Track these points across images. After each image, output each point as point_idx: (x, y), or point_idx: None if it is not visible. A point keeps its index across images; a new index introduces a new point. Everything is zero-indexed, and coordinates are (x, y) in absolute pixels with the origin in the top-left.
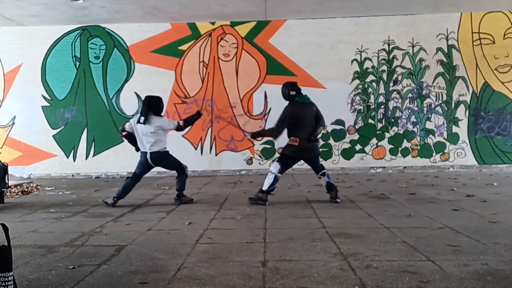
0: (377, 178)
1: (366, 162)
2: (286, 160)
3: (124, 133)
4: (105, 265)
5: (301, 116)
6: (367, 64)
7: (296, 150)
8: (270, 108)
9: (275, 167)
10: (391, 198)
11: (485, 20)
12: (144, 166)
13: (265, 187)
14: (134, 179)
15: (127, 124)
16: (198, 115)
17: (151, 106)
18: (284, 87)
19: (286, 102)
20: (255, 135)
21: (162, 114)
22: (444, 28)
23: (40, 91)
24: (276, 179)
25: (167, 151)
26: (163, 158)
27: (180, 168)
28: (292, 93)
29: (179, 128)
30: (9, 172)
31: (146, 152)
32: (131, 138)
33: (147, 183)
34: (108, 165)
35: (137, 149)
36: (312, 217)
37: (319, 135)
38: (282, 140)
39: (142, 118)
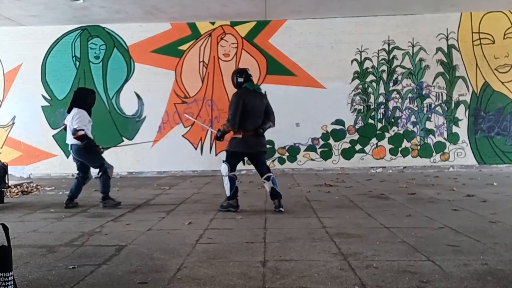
0: (377, 178)
1: (366, 162)
2: (232, 157)
3: (63, 126)
4: (105, 265)
5: (249, 104)
6: (367, 64)
7: (239, 143)
8: None
9: (224, 169)
10: (391, 198)
11: (485, 20)
12: (75, 160)
13: (227, 193)
14: (81, 177)
15: (66, 117)
16: (96, 148)
17: (75, 97)
18: (233, 74)
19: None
20: (219, 138)
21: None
22: (444, 28)
23: (40, 91)
24: (232, 180)
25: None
26: (81, 152)
27: (101, 167)
28: (240, 80)
29: (74, 132)
30: (9, 172)
31: (69, 145)
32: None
33: (147, 183)
34: None
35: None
36: (312, 217)
37: (266, 130)
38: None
39: (67, 109)
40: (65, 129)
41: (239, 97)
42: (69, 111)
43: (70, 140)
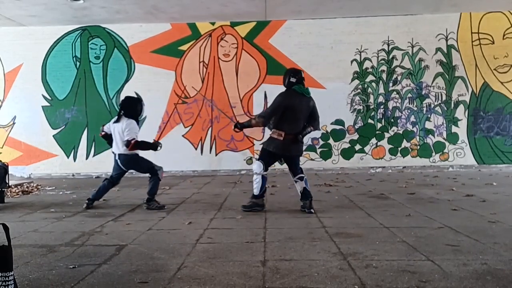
0: (377, 178)
1: (365, 162)
2: (268, 156)
3: (102, 133)
4: (105, 265)
5: (294, 107)
6: (367, 64)
7: (279, 146)
8: None
9: (258, 166)
10: (391, 198)
11: (484, 20)
12: (117, 169)
13: (256, 192)
14: (110, 182)
15: (107, 124)
16: (154, 146)
17: (124, 107)
18: (286, 73)
19: None
20: (240, 128)
21: (144, 117)
22: (443, 28)
23: (40, 91)
24: (263, 179)
25: (136, 154)
26: (132, 161)
27: (152, 169)
28: (292, 80)
29: (127, 144)
30: (9, 172)
31: (115, 154)
32: (109, 139)
33: (147, 183)
34: (108, 165)
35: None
36: (312, 217)
37: (306, 135)
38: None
39: (116, 118)
40: (103, 137)
41: (285, 100)
42: (117, 120)
43: (117, 149)
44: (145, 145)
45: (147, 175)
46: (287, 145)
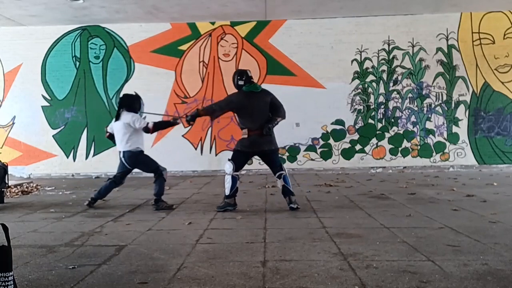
0: (377, 178)
1: (366, 162)
2: (238, 156)
3: (107, 134)
4: (105, 265)
5: (246, 106)
6: (367, 64)
7: (246, 144)
8: None
9: (228, 167)
10: (391, 198)
11: (485, 20)
12: (122, 167)
13: (227, 192)
14: (113, 181)
15: (109, 125)
16: (173, 123)
17: (123, 104)
18: (234, 75)
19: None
20: (189, 120)
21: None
22: (444, 28)
23: (40, 91)
24: (234, 179)
25: (141, 151)
26: (136, 158)
27: (156, 170)
28: (240, 82)
29: (146, 130)
30: (9, 172)
31: (119, 152)
32: (114, 139)
33: (147, 183)
34: (108, 165)
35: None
36: (312, 217)
37: (274, 127)
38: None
39: (116, 117)
40: (108, 137)
41: (233, 100)
42: (116, 119)
43: (122, 147)
44: (164, 124)
45: (149, 174)
46: (254, 141)
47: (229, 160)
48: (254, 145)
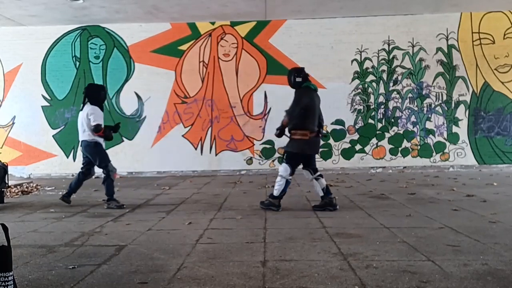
0: (377, 178)
1: (366, 162)
2: (297, 160)
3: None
4: (105, 265)
5: (314, 105)
6: (367, 64)
7: (306, 146)
8: (270, 108)
9: (284, 170)
10: (391, 198)
11: (485, 20)
12: (83, 157)
13: (276, 193)
14: (81, 173)
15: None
16: (115, 128)
17: (87, 94)
18: (290, 73)
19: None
20: (279, 135)
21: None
22: (444, 28)
23: (40, 91)
24: (287, 183)
25: (97, 142)
26: (91, 149)
27: (105, 168)
28: (298, 79)
29: (95, 130)
30: (9, 172)
31: (79, 141)
32: (109, 131)
33: (147, 183)
34: None
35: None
36: (312, 217)
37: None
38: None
39: (82, 106)
40: (104, 131)
41: (303, 96)
42: (82, 108)
43: (80, 136)
44: (109, 131)
45: (149, 174)
46: (313, 143)
47: (286, 163)
48: (315, 148)
